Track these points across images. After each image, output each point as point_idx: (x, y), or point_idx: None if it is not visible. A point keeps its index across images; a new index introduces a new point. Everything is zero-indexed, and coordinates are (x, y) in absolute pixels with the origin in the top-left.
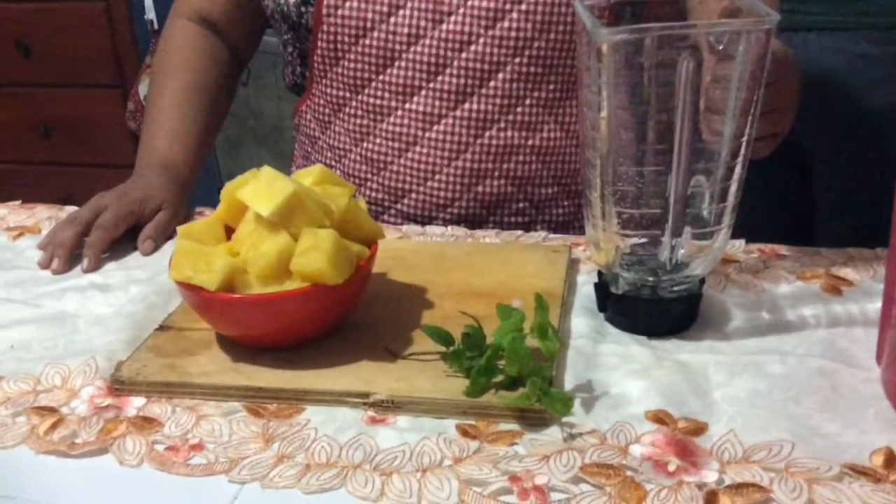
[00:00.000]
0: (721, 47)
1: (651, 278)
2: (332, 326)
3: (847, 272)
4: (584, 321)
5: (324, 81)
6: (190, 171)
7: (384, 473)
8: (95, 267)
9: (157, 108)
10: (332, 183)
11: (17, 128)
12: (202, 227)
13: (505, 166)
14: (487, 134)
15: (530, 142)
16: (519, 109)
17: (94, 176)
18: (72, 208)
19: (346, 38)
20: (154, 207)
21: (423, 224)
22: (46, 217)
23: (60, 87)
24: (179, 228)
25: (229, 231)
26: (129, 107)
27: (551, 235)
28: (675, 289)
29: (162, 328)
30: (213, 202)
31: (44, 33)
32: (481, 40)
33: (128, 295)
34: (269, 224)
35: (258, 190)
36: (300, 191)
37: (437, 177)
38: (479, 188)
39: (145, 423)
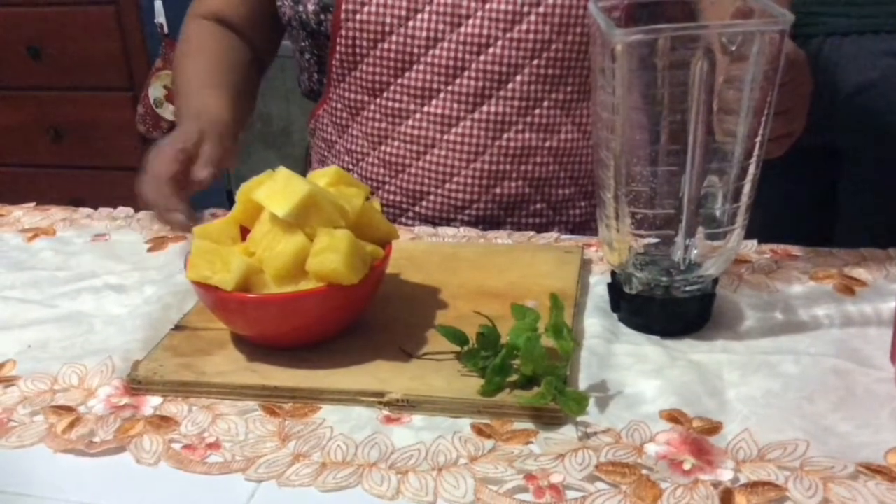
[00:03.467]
0: (734, 48)
1: (664, 278)
2: (346, 326)
3: (860, 272)
4: (597, 321)
5: (342, 86)
6: (226, 113)
7: (400, 472)
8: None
9: (183, 94)
10: (347, 184)
11: (28, 131)
12: (218, 228)
13: (523, 168)
14: (506, 136)
15: (548, 143)
16: (537, 111)
17: (104, 179)
18: (85, 210)
19: (365, 43)
20: (196, 141)
21: (442, 226)
22: (61, 219)
23: (70, 90)
24: (195, 229)
25: (244, 232)
26: (138, 110)
27: (564, 236)
28: (689, 289)
29: (177, 328)
30: (222, 204)
31: (54, 37)
32: (499, 43)
33: (143, 295)
34: (284, 224)
35: (274, 190)
36: (316, 191)
37: (455, 179)
38: (498, 190)
39: (162, 422)
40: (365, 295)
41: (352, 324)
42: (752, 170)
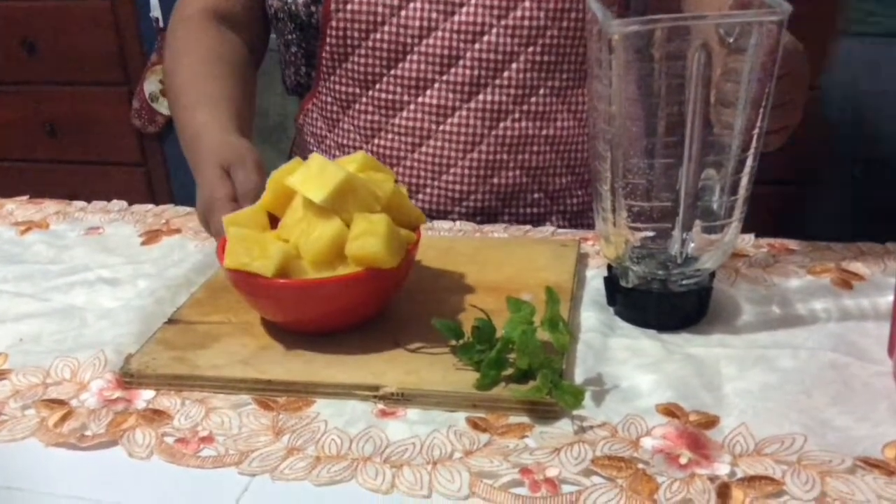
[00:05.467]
0: (732, 39)
1: (661, 272)
2: (382, 310)
3: (857, 266)
4: (593, 315)
5: (332, 79)
6: (234, 131)
7: (395, 466)
8: None
9: (187, 109)
10: (375, 169)
11: (23, 126)
12: (247, 216)
13: (520, 157)
14: (502, 125)
15: (544, 132)
16: (533, 99)
17: (100, 174)
18: (79, 203)
19: (356, 34)
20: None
21: (439, 219)
22: (54, 212)
23: (66, 85)
24: (225, 218)
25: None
26: (133, 105)
27: (560, 230)
28: (685, 282)
29: (171, 322)
30: None
31: (49, 31)
32: (494, 30)
33: (136, 289)
34: (319, 210)
35: (309, 177)
36: (351, 177)
37: (451, 170)
38: (495, 180)
39: (155, 415)
40: (402, 277)
41: (386, 307)
42: (749, 162)
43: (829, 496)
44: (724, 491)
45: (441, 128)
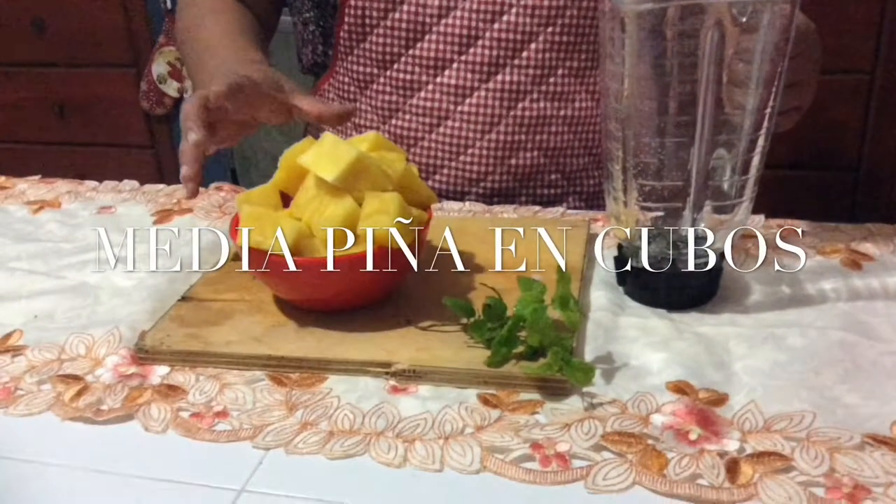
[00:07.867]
0: (745, 19)
1: (671, 252)
2: (395, 288)
3: (867, 247)
4: (603, 294)
5: (349, 58)
6: (236, 54)
7: (407, 440)
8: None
9: (194, 58)
10: (387, 149)
11: (32, 107)
12: (260, 194)
13: (538, 138)
14: (520, 105)
15: (562, 112)
16: (551, 80)
17: (108, 155)
18: (91, 183)
19: (375, 13)
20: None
21: (457, 200)
22: (66, 191)
23: (74, 66)
24: (238, 196)
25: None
26: (142, 87)
27: (570, 211)
28: (696, 262)
29: (184, 299)
30: (225, 180)
31: (58, 12)
32: (513, 10)
33: (149, 267)
34: (332, 189)
35: (321, 155)
36: (363, 156)
37: (469, 151)
38: (513, 161)
39: (170, 391)
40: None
41: (397, 286)
42: (761, 142)
43: (838, 472)
44: (733, 466)
45: (459, 108)
